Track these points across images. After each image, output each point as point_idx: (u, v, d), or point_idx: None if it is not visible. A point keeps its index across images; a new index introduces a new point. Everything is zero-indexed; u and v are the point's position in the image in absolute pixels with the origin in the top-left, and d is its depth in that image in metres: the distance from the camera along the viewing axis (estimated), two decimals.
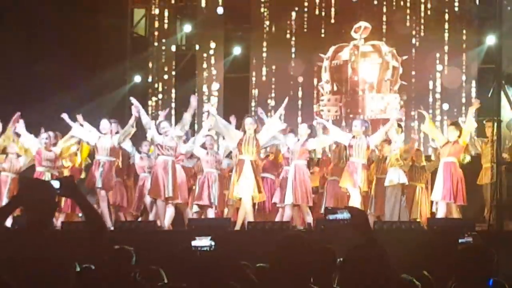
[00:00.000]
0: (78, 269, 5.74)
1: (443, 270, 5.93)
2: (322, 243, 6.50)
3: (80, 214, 15.20)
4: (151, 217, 15.57)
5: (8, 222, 9.55)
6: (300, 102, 20.50)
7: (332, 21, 20.48)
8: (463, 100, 19.48)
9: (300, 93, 20.56)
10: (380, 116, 19.54)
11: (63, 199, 13.51)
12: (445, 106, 19.62)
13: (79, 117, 15.71)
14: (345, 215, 5.40)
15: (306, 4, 20.62)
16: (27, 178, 8.50)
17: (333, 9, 20.47)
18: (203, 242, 11.85)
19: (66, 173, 16.01)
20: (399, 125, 16.21)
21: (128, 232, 14.21)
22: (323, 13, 20.48)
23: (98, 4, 20.58)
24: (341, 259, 5.63)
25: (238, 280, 4.76)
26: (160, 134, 15.22)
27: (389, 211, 14.84)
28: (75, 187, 5.45)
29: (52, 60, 18.56)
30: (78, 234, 5.56)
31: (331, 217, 4.85)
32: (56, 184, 5.28)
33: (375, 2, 20.19)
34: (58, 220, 15.25)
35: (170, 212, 15.26)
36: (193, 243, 11.92)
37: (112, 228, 14.51)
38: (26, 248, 5.16)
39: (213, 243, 11.68)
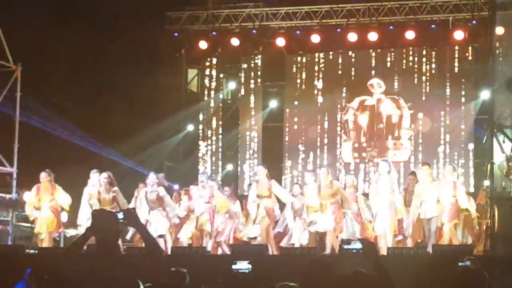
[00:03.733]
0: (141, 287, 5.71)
1: None
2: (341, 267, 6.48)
3: None
4: None
5: None
6: (325, 147, 20.61)
7: (352, 78, 20.63)
8: (462, 145, 19.74)
9: (325, 140, 20.65)
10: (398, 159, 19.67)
11: None
12: (447, 150, 19.75)
13: None
14: (358, 245, 5.39)
15: (329, 65, 20.75)
16: (98, 210, 8.53)
17: (353, 69, 20.63)
18: (242, 265, 11.69)
19: None
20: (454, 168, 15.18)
21: (182, 256, 13.99)
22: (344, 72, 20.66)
23: (159, 66, 20.87)
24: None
25: None
26: None
27: None
28: (137, 218, 5.41)
29: (120, 112, 18.84)
30: (140, 258, 5.53)
31: (345, 246, 4.83)
32: (120, 215, 5.26)
33: (388, 64, 20.35)
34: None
35: None
36: (234, 266, 11.75)
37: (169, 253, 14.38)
38: (97, 269, 5.18)
39: (250, 266, 11.51)
